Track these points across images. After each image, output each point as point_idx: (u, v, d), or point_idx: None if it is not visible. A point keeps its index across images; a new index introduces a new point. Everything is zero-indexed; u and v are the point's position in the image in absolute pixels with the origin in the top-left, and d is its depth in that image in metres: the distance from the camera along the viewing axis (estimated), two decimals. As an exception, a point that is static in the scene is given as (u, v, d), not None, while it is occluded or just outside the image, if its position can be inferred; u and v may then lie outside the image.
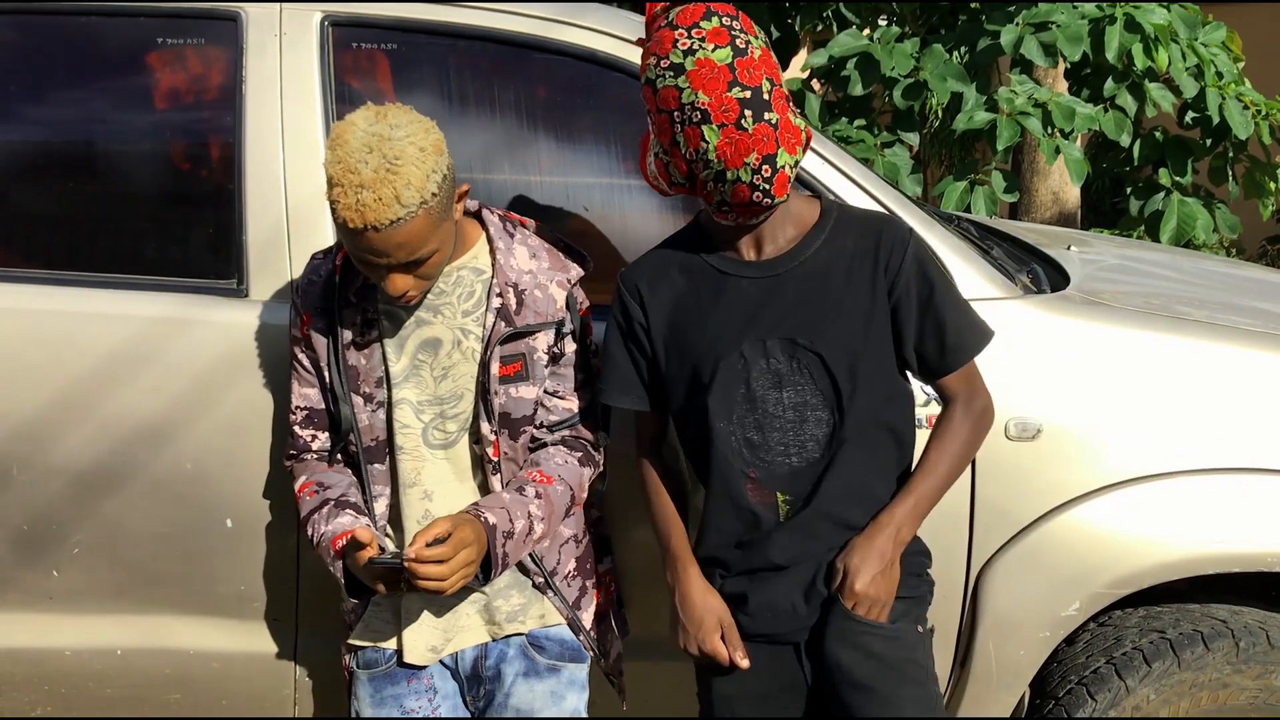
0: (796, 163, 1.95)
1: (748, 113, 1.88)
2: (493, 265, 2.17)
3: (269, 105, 2.45)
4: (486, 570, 2.06)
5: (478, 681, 2.23)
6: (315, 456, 2.24)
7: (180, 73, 2.53)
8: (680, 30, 1.90)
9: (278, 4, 2.48)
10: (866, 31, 5.40)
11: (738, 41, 1.89)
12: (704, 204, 2.04)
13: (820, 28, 6.20)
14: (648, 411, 2.18)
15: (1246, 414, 2.43)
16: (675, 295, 2.10)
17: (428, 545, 1.95)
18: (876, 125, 5.16)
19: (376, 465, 2.19)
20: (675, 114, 1.91)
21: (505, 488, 2.17)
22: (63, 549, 2.48)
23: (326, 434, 2.23)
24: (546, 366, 2.19)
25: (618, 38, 2.51)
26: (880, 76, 4.91)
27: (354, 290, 2.16)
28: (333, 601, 2.45)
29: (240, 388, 2.41)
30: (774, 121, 1.90)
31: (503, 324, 2.13)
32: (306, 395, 2.22)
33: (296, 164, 2.44)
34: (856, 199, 2.43)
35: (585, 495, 2.25)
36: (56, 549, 2.48)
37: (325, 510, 2.13)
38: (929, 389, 2.19)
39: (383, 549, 2.04)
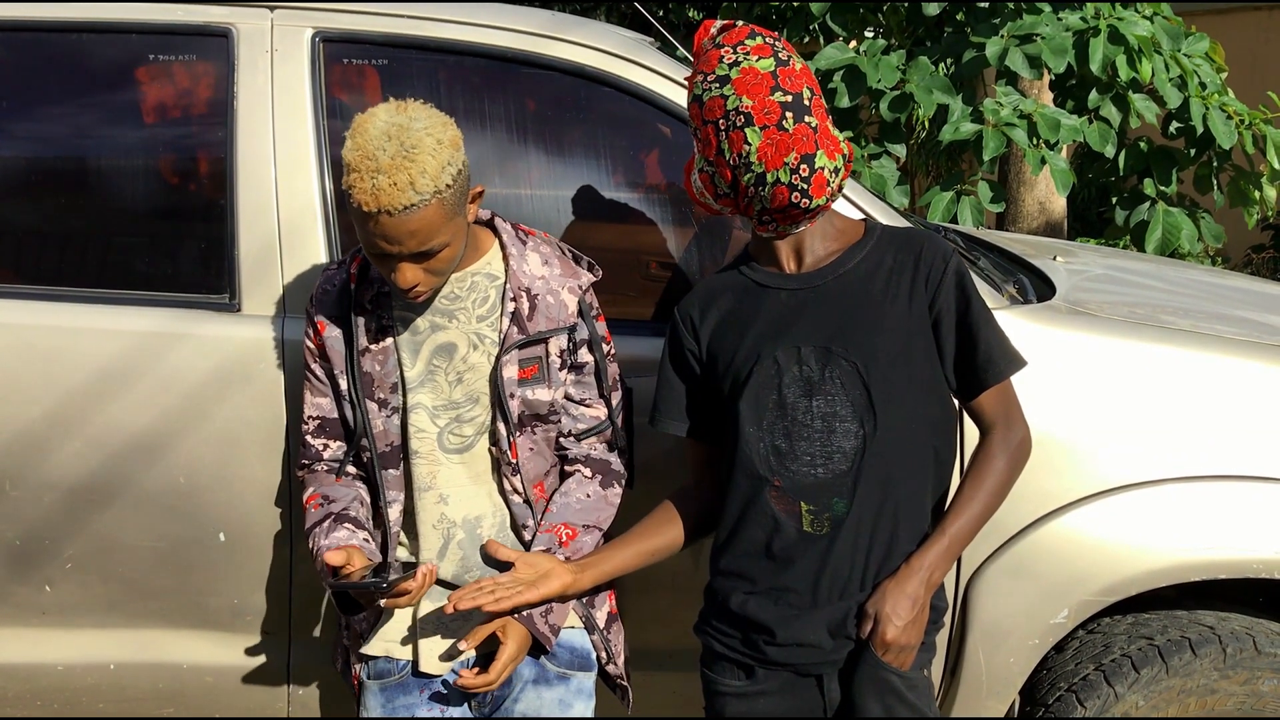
0: (836, 170, 1.99)
1: (789, 114, 1.96)
2: (506, 271, 2.20)
3: (260, 120, 2.46)
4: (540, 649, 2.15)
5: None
6: (325, 467, 2.25)
7: (172, 88, 2.54)
8: (726, 48, 2.02)
9: (269, 20, 2.50)
10: (853, 44, 5.43)
11: (780, 54, 2.00)
12: (745, 221, 2.10)
13: (807, 40, 6.23)
14: (694, 440, 2.21)
15: (1232, 422, 2.45)
16: (722, 315, 2.14)
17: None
18: (863, 137, 5.19)
19: (390, 471, 2.20)
20: (720, 122, 2.00)
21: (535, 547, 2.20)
22: (55, 563, 2.48)
23: (338, 443, 2.25)
24: (560, 370, 2.21)
25: (606, 53, 2.53)
26: (866, 88, 4.93)
27: (369, 298, 2.18)
28: (326, 614, 2.46)
29: (232, 401, 2.42)
30: (814, 125, 1.97)
31: (515, 329, 2.16)
32: (319, 405, 2.24)
33: (288, 178, 2.45)
34: (844, 210, 2.44)
35: (613, 515, 2.27)
36: (49, 563, 2.48)
37: (325, 524, 2.15)
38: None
39: (385, 565, 2.06)
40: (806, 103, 1.97)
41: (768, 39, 2.02)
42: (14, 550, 2.48)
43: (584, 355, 2.24)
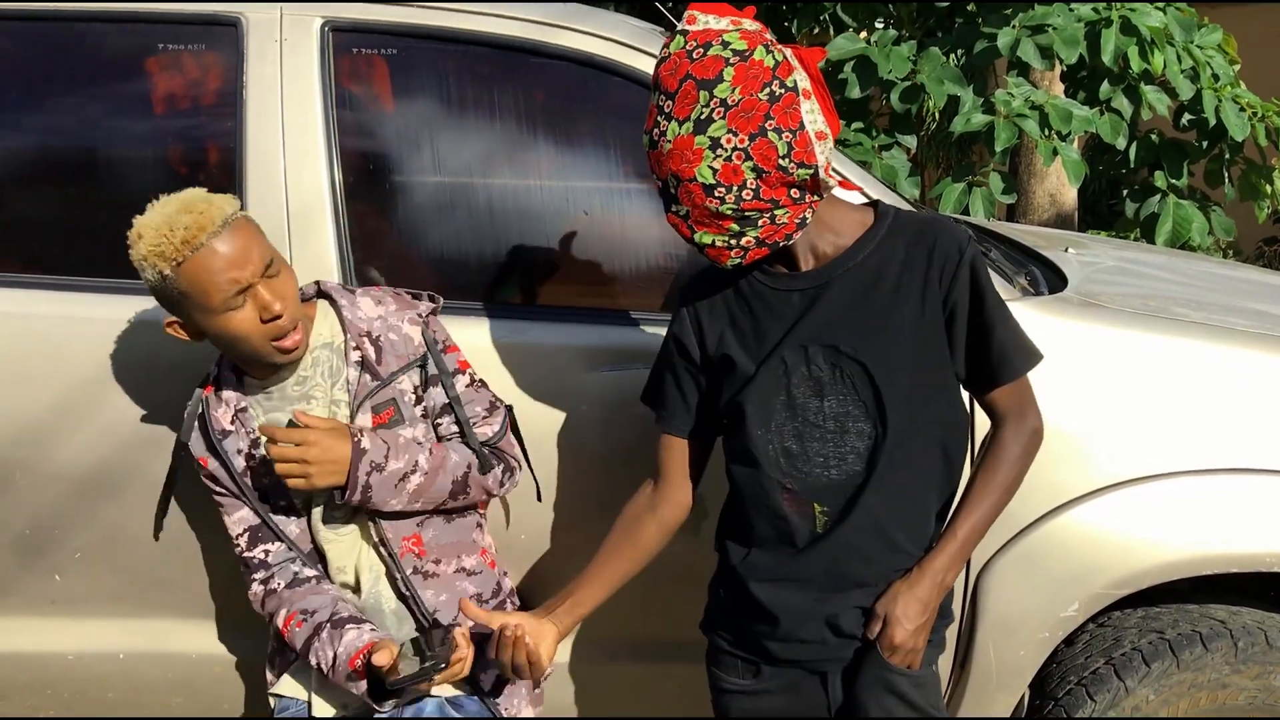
0: (685, 214, 1.89)
1: None
2: (341, 323, 2.19)
3: (270, 110, 2.46)
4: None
5: None
6: (280, 581, 2.22)
7: (181, 78, 2.54)
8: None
9: (278, 9, 2.50)
10: (863, 35, 5.43)
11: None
12: None
13: (817, 30, 6.22)
14: (680, 438, 2.12)
15: (1244, 414, 2.44)
16: (726, 310, 2.06)
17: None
18: (874, 128, 5.18)
19: (321, 564, 2.24)
20: None
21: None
22: (64, 553, 2.49)
23: (276, 544, 2.24)
24: (416, 406, 2.21)
25: (615, 42, 2.52)
26: (877, 79, 4.92)
27: (230, 419, 2.18)
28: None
29: (241, 392, 2.42)
30: (683, 213, 1.89)
31: (368, 377, 2.16)
32: (240, 519, 2.23)
33: (297, 168, 2.45)
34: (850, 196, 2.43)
35: (482, 491, 2.24)
36: (58, 553, 2.49)
37: (324, 635, 2.12)
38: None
39: (416, 641, 2.05)
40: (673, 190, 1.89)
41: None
42: (23, 540, 2.48)
43: (436, 395, 2.22)
